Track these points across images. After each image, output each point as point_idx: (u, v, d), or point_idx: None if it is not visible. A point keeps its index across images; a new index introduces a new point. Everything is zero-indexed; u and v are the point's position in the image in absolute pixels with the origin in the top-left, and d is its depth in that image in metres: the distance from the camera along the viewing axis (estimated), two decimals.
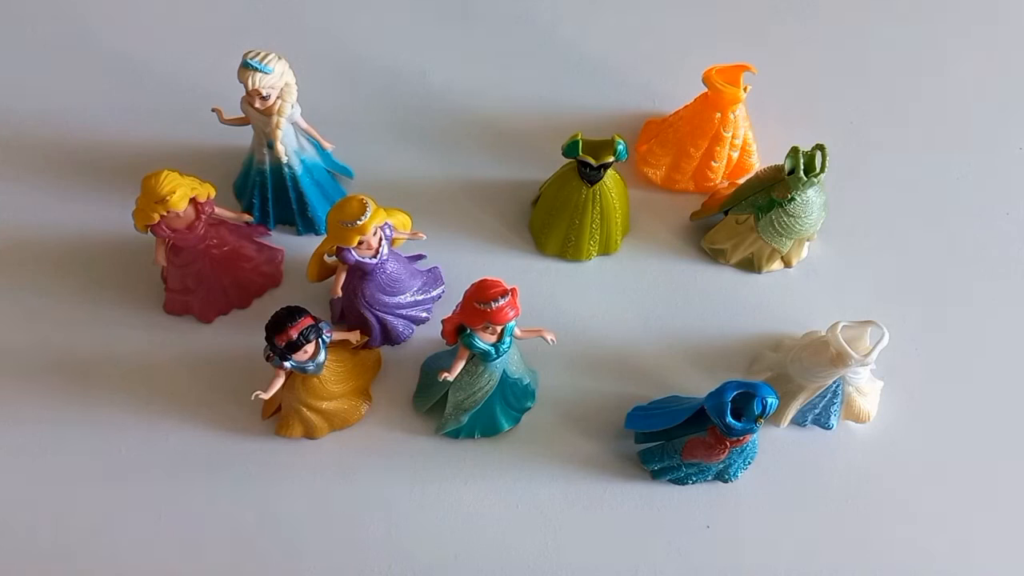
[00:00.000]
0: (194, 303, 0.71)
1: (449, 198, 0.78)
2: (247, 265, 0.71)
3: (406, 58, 0.85)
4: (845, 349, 0.62)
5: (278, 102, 0.67)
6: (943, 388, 0.72)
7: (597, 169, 0.68)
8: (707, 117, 0.74)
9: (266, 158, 0.71)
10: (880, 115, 0.84)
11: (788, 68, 0.86)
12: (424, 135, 0.81)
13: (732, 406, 0.58)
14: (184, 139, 0.79)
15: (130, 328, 0.71)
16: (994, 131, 0.84)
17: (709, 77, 0.72)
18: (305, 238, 0.75)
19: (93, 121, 0.80)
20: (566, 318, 0.72)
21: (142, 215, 0.64)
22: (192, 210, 0.65)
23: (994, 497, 0.68)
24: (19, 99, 0.82)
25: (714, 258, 0.76)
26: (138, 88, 0.82)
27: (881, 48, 0.88)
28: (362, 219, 0.62)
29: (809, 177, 0.67)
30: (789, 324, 0.73)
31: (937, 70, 0.87)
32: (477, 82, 0.84)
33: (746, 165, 0.78)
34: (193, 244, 0.67)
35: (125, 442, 0.67)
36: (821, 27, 0.89)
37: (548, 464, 0.68)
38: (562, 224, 0.73)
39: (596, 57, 0.86)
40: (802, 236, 0.73)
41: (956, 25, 0.90)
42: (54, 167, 0.78)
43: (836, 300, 0.74)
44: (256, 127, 0.69)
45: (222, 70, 0.68)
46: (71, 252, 0.74)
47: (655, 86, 0.84)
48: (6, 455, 0.67)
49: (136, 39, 0.86)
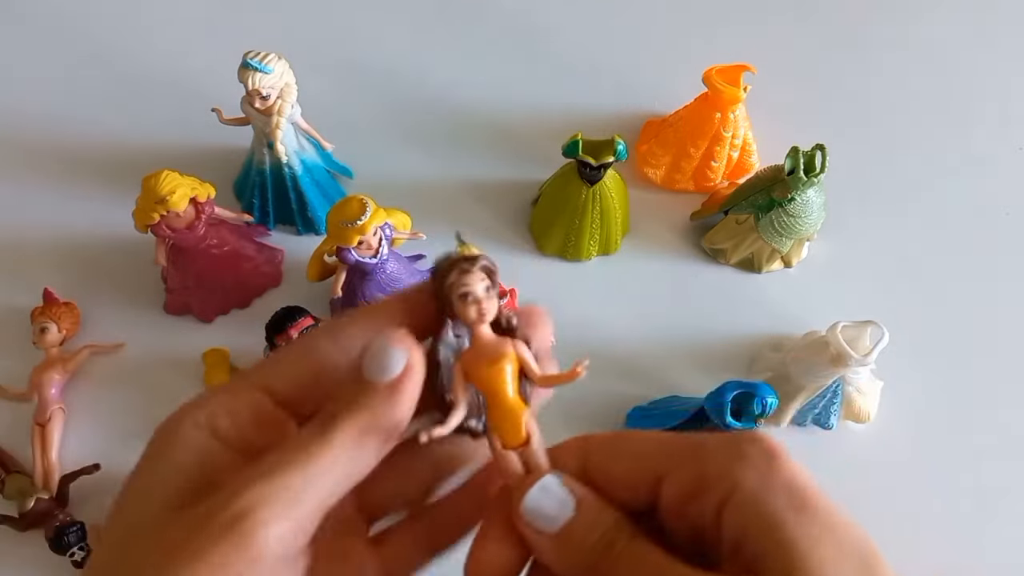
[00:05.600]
0: (194, 303, 0.71)
1: (449, 198, 0.78)
2: (247, 265, 0.71)
3: (406, 58, 0.85)
4: (845, 349, 0.62)
5: (278, 102, 0.67)
6: (943, 388, 0.71)
7: (597, 169, 0.68)
8: (707, 117, 0.74)
9: (266, 158, 0.71)
10: (881, 115, 0.84)
11: (788, 68, 0.86)
12: (424, 135, 0.81)
13: (732, 406, 0.58)
14: (184, 139, 0.79)
15: (131, 328, 0.71)
16: (995, 131, 0.84)
17: (709, 77, 0.72)
18: (305, 238, 0.75)
19: (93, 121, 0.81)
20: (566, 318, 0.72)
21: (142, 215, 0.64)
22: (192, 210, 0.65)
23: (995, 497, 0.68)
24: (18, 98, 0.82)
25: (714, 258, 0.76)
26: (138, 88, 0.83)
27: (882, 48, 0.88)
28: (362, 219, 0.62)
29: (809, 177, 0.67)
30: (789, 324, 0.73)
31: (938, 70, 0.87)
32: (477, 82, 0.84)
33: (746, 165, 0.78)
34: (193, 244, 0.67)
35: None
36: (822, 27, 0.89)
37: None
38: (562, 224, 0.73)
39: (596, 57, 0.86)
40: (802, 236, 0.73)
41: (957, 24, 0.90)
42: (53, 167, 0.78)
43: (836, 300, 0.74)
44: (256, 127, 0.69)
45: (222, 70, 0.68)
46: (71, 252, 0.74)
47: (655, 86, 0.84)
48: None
49: (136, 39, 0.86)
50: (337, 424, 0.28)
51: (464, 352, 0.31)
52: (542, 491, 0.29)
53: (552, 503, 0.29)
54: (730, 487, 0.27)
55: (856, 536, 0.27)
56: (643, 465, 0.29)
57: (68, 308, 0.69)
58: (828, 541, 0.26)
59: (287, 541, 0.27)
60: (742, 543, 0.27)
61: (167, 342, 0.71)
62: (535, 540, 0.29)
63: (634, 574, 0.28)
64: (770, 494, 0.27)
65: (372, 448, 0.29)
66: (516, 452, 0.30)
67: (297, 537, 0.27)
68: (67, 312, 0.69)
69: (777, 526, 0.26)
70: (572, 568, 0.29)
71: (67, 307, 0.69)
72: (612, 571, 0.28)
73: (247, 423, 0.29)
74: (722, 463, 0.28)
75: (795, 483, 0.27)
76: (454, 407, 0.30)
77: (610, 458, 0.30)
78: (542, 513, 0.29)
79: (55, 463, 0.65)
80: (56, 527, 0.61)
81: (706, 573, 0.27)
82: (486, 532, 0.31)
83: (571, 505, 0.29)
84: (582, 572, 0.29)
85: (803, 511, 0.27)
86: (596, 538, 0.28)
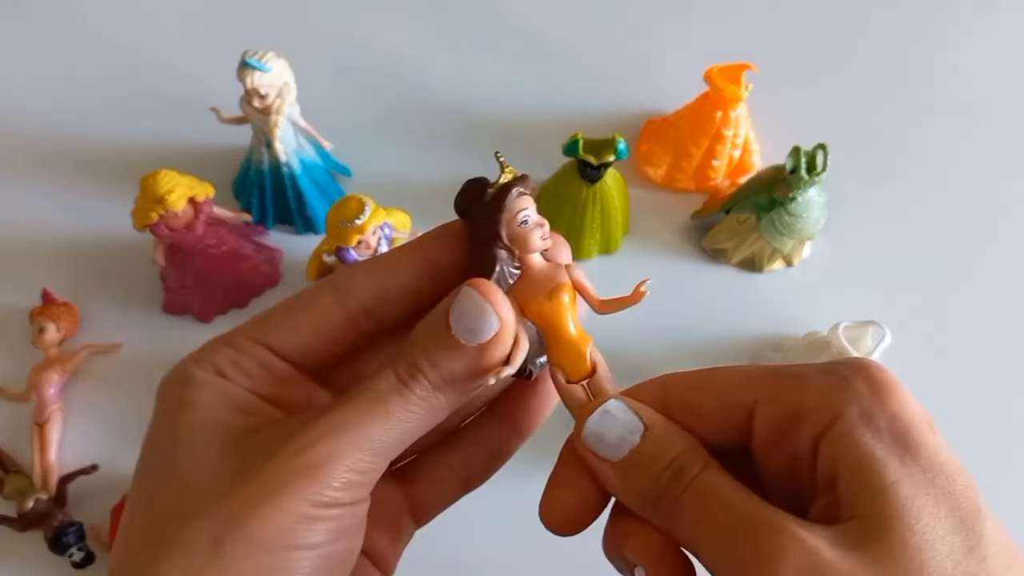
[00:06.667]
0: (193, 303, 0.71)
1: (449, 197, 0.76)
2: (246, 265, 0.71)
3: (406, 58, 0.85)
4: (847, 349, 0.62)
5: (277, 101, 0.67)
6: (944, 388, 0.71)
7: (598, 168, 0.68)
8: (708, 116, 0.74)
9: (265, 157, 0.71)
10: (882, 114, 0.84)
11: (790, 67, 0.86)
12: (424, 134, 0.81)
13: None
14: (183, 138, 0.79)
15: (130, 328, 0.71)
16: (996, 131, 0.83)
17: (710, 76, 0.72)
18: (304, 237, 0.75)
19: (91, 120, 0.80)
20: None
21: (141, 214, 0.64)
22: (191, 209, 0.65)
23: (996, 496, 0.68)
24: (17, 98, 0.82)
25: (715, 258, 0.76)
26: (137, 87, 0.82)
27: (883, 47, 0.88)
28: (361, 218, 0.61)
29: (811, 176, 0.67)
30: (790, 324, 0.72)
31: (940, 69, 0.87)
32: (477, 81, 0.84)
33: (747, 164, 0.78)
34: (192, 244, 0.67)
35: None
36: (823, 25, 0.89)
37: (549, 465, 0.67)
38: (562, 223, 0.73)
39: (596, 57, 0.86)
40: (804, 236, 0.72)
41: (959, 24, 0.90)
42: (53, 166, 0.78)
43: (837, 300, 0.74)
44: (255, 126, 0.69)
45: (221, 69, 0.68)
46: (69, 252, 0.74)
47: (656, 85, 0.84)
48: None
49: (136, 38, 0.85)
50: (419, 380, 0.27)
51: (515, 285, 0.28)
52: (604, 415, 0.27)
53: (616, 427, 0.27)
54: (829, 418, 0.25)
55: (960, 487, 0.25)
56: (732, 398, 0.27)
57: (67, 308, 0.69)
58: (927, 490, 0.24)
59: (359, 494, 0.26)
60: (835, 481, 0.24)
61: (166, 342, 0.71)
62: (600, 470, 0.27)
63: (701, 506, 0.25)
64: (871, 429, 0.24)
65: (450, 404, 0.28)
66: (582, 385, 0.28)
67: (367, 487, 0.27)
68: (66, 312, 0.69)
69: (874, 466, 0.24)
70: (639, 500, 0.27)
71: (66, 307, 0.69)
72: (680, 503, 0.26)
73: (257, 376, 0.28)
74: (822, 392, 0.25)
75: (901, 419, 0.25)
76: (516, 345, 0.27)
77: (694, 392, 0.28)
78: (605, 439, 0.27)
79: (54, 463, 0.65)
80: (55, 527, 0.61)
81: (781, 512, 0.24)
82: (559, 472, 0.29)
83: (638, 430, 0.27)
84: (650, 504, 0.26)
85: (905, 452, 0.24)
86: (663, 466, 0.26)
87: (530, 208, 0.29)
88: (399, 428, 0.26)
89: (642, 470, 0.26)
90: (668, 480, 0.26)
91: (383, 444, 0.26)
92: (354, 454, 0.25)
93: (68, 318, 0.69)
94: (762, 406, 0.26)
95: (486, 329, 0.27)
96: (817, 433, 0.25)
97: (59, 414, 0.66)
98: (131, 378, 0.69)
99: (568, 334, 0.28)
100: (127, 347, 0.70)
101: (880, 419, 0.25)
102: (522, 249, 0.28)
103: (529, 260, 0.28)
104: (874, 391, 0.25)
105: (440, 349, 0.27)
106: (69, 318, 0.69)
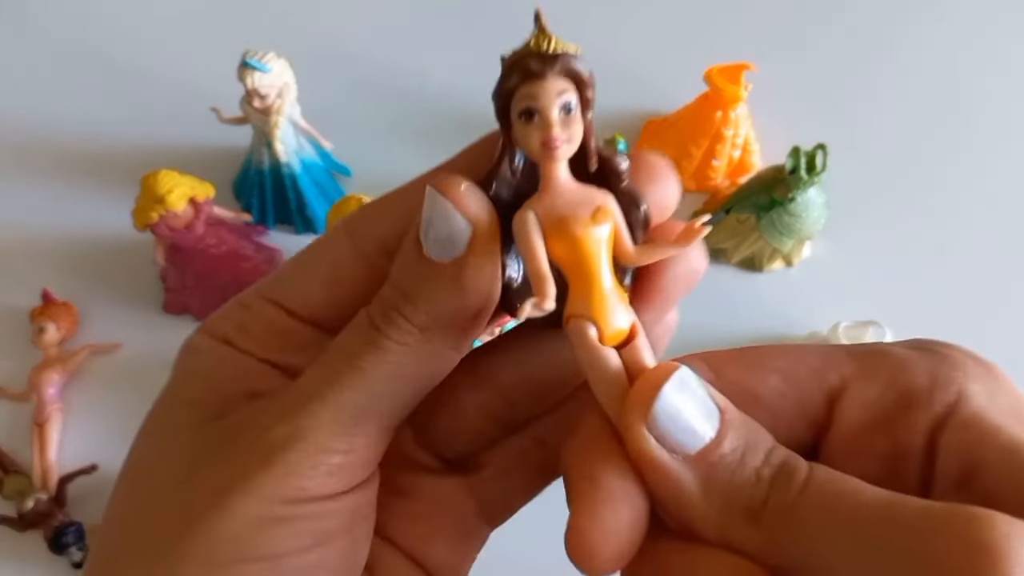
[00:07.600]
0: (193, 302, 0.71)
1: None
2: (246, 264, 0.71)
3: (406, 58, 0.85)
4: None
5: (277, 101, 0.67)
6: None
7: None
8: (708, 116, 0.74)
9: (265, 157, 0.71)
10: (883, 113, 0.84)
11: (789, 67, 0.86)
12: (424, 134, 0.81)
13: None
14: (183, 138, 0.79)
15: (130, 328, 0.71)
16: (996, 131, 0.83)
17: (710, 76, 0.72)
18: (304, 237, 0.75)
19: (91, 120, 0.80)
20: None
21: (141, 214, 0.64)
22: (191, 209, 0.65)
23: None
24: (17, 98, 0.82)
25: (715, 257, 0.76)
26: (137, 87, 0.82)
27: (883, 47, 0.88)
28: None
29: (810, 176, 0.67)
30: (791, 324, 0.72)
31: (940, 69, 0.87)
32: (477, 82, 0.83)
33: (747, 164, 0.78)
34: (192, 243, 0.67)
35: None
36: (823, 25, 0.89)
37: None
38: None
39: (597, 56, 0.85)
40: (804, 235, 0.72)
41: (959, 24, 0.90)
42: (53, 166, 0.78)
43: (838, 300, 0.74)
44: (255, 126, 0.69)
45: (222, 69, 0.68)
46: (69, 252, 0.74)
47: (656, 85, 0.84)
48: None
49: (136, 39, 0.86)
50: (395, 321, 0.21)
51: (534, 203, 0.21)
52: (681, 387, 0.19)
53: (696, 408, 0.19)
54: (952, 401, 0.20)
55: None
56: (809, 381, 0.20)
57: (67, 308, 0.69)
58: None
59: (342, 482, 0.21)
60: (976, 473, 0.19)
61: (166, 342, 0.70)
62: (669, 471, 0.19)
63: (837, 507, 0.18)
64: (1005, 414, 0.20)
65: (447, 348, 0.21)
66: (618, 351, 0.20)
67: (355, 470, 0.21)
68: (66, 312, 0.69)
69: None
70: (725, 514, 0.19)
71: (65, 307, 0.69)
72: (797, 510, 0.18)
73: (265, 340, 0.24)
74: (936, 371, 0.21)
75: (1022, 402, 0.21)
76: (542, 279, 0.20)
77: (754, 372, 0.21)
78: (682, 422, 0.19)
79: (53, 463, 0.65)
80: (55, 527, 0.61)
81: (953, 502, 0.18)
82: (596, 480, 0.19)
83: (714, 414, 0.19)
84: (742, 518, 0.18)
85: None
86: (759, 462, 0.19)
87: (543, 98, 0.21)
88: (381, 387, 0.21)
89: (729, 470, 0.19)
90: (771, 481, 0.18)
91: (362, 410, 0.20)
92: (324, 429, 0.20)
93: (68, 318, 0.69)
94: (856, 388, 0.20)
95: (455, 234, 0.20)
96: (937, 419, 0.20)
97: (59, 414, 0.66)
98: (131, 378, 0.69)
99: (602, 280, 0.20)
100: (127, 347, 0.70)
101: (1004, 402, 0.20)
102: (531, 154, 0.21)
103: (551, 171, 0.21)
104: (985, 368, 0.21)
105: (413, 277, 0.21)
106: (69, 318, 0.69)
